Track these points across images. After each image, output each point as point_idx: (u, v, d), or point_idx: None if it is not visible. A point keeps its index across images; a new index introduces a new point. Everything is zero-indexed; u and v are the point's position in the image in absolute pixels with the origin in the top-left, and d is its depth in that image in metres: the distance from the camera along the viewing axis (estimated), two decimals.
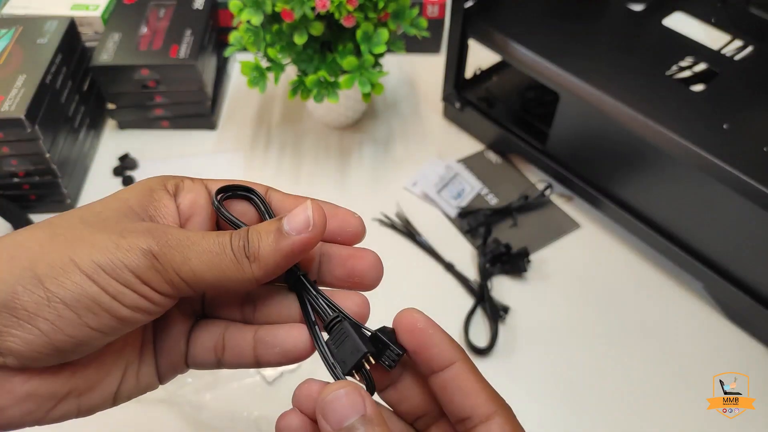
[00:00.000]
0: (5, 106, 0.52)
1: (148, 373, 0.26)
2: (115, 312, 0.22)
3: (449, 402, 0.24)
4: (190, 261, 0.22)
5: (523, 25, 0.57)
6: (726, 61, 0.54)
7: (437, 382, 0.24)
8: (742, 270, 0.49)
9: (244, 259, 0.23)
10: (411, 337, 0.24)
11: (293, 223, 0.23)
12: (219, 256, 0.23)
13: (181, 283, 0.23)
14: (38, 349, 0.21)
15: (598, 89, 0.51)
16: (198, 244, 0.23)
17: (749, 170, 0.44)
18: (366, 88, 0.53)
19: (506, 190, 0.61)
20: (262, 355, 0.26)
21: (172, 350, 0.27)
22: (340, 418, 0.21)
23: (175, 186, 0.26)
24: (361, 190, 0.62)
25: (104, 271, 0.21)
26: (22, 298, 0.21)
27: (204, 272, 0.23)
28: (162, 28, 0.65)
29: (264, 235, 0.23)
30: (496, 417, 0.23)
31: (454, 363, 0.24)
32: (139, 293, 0.22)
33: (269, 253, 0.23)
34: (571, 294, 0.54)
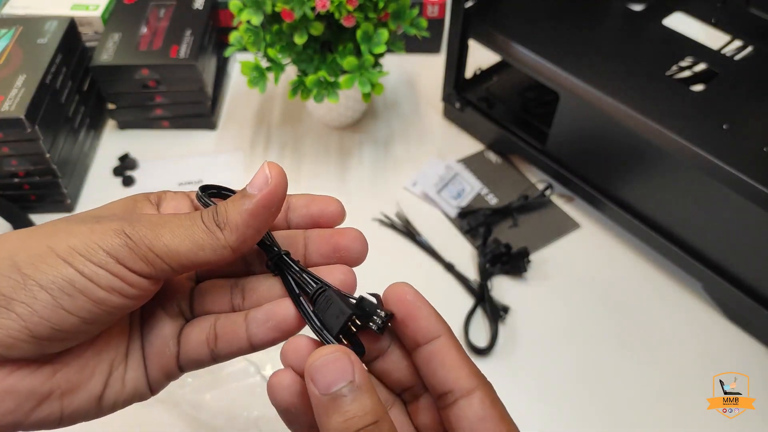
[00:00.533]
0: (5, 106, 0.52)
1: (135, 377, 0.26)
2: (90, 293, 0.22)
3: (431, 375, 0.24)
4: (162, 237, 0.23)
5: (523, 25, 0.57)
6: (726, 61, 0.54)
7: (421, 356, 0.24)
8: (742, 270, 0.49)
9: (215, 227, 0.24)
10: (399, 309, 0.25)
11: (254, 183, 0.24)
12: (190, 228, 0.23)
13: (156, 260, 0.23)
14: (14, 334, 0.21)
15: (598, 89, 0.51)
16: (170, 221, 0.24)
17: (749, 170, 0.44)
18: (366, 88, 0.53)
19: (506, 190, 0.61)
20: (255, 335, 0.26)
21: (162, 353, 0.26)
22: (328, 384, 0.21)
23: (158, 197, 0.27)
24: (361, 190, 0.62)
25: (79, 254, 0.22)
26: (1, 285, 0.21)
27: (177, 245, 0.23)
28: (162, 28, 0.65)
29: (230, 203, 0.24)
30: (477, 392, 0.23)
31: (438, 337, 0.24)
32: (113, 273, 0.22)
33: (237, 216, 0.24)
34: (571, 294, 0.54)
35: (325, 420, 0.21)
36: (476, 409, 0.23)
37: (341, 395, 0.21)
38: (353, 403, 0.21)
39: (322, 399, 0.21)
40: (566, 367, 0.50)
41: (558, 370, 0.49)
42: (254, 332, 0.26)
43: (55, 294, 0.21)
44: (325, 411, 0.21)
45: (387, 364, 0.26)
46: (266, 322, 0.26)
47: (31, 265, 0.21)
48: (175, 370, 0.27)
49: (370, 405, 0.21)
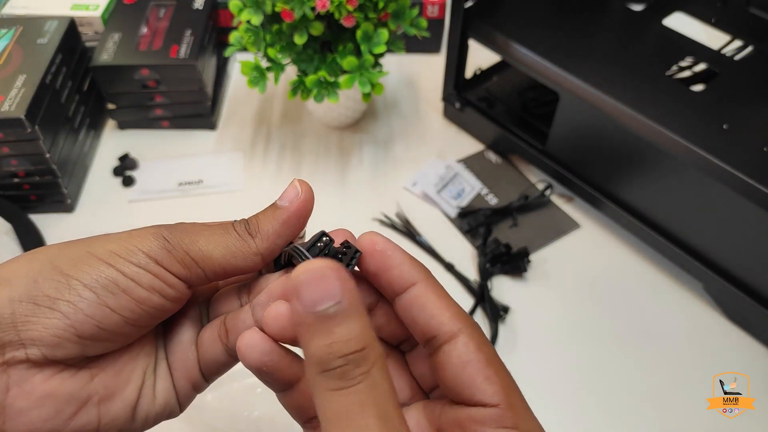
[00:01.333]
0: (5, 106, 0.52)
1: (165, 388, 0.26)
2: (132, 292, 0.23)
3: (413, 323, 0.23)
4: (198, 242, 0.24)
5: (523, 25, 0.57)
6: (726, 61, 0.54)
7: (401, 304, 0.24)
8: (742, 270, 0.49)
9: (247, 236, 0.25)
10: (371, 260, 0.24)
11: (285, 197, 0.26)
12: (224, 236, 0.25)
13: (192, 264, 0.24)
14: (60, 333, 0.22)
15: (598, 89, 0.51)
16: (204, 229, 0.25)
17: (749, 170, 0.44)
18: (366, 88, 0.53)
19: (506, 190, 0.61)
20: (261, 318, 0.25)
21: (185, 360, 0.27)
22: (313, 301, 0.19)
23: None
24: (361, 190, 0.62)
25: (119, 256, 0.23)
26: (43, 286, 0.22)
27: (212, 251, 0.24)
28: (162, 28, 0.65)
29: (261, 214, 0.26)
30: (461, 335, 0.22)
31: (415, 284, 0.23)
32: (153, 273, 0.23)
33: (269, 225, 0.25)
34: (571, 294, 0.54)
35: (308, 341, 0.19)
36: (460, 352, 0.22)
37: (326, 315, 0.19)
38: (339, 326, 0.19)
39: (306, 317, 0.19)
40: (566, 366, 0.50)
41: (558, 369, 0.49)
42: (260, 316, 0.25)
43: (100, 292, 0.22)
44: (308, 331, 0.19)
45: (377, 320, 0.26)
46: (268, 301, 0.25)
47: (73, 267, 0.22)
48: (199, 378, 0.27)
49: (358, 329, 0.19)
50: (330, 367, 0.19)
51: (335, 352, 0.19)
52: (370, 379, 0.19)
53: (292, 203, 0.26)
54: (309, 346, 0.19)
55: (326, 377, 0.19)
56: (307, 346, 0.20)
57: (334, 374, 0.19)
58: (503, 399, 0.21)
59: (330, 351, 0.19)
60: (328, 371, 0.19)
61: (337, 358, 0.19)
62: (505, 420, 0.21)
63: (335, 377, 0.19)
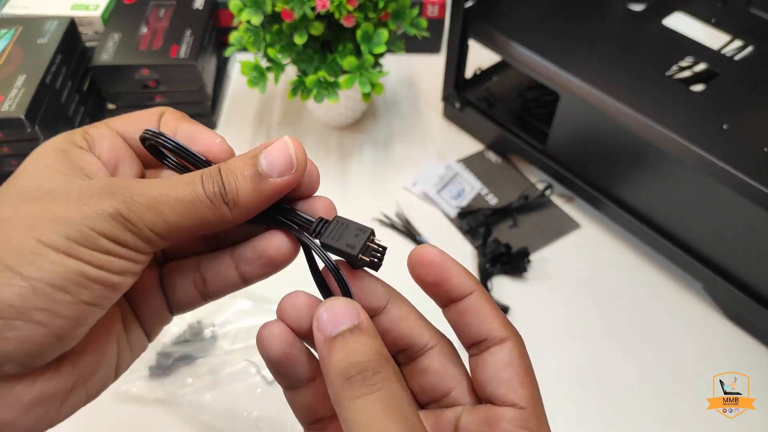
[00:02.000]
0: (5, 106, 0.52)
1: (137, 338, 0.26)
2: (105, 280, 0.21)
3: (466, 327, 0.24)
4: (162, 214, 0.21)
5: (523, 25, 0.57)
6: (726, 61, 0.54)
7: (455, 310, 0.25)
8: (742, 270, 0.49)
9: (223, 205, 0.22)
10: (431, 271, 0.25)
11: (274, 164, 0.22)
12: (193, 203, 0.22)
13: (156, 238, 0.22)
14: (39, 341, 0.20)
15: (598, 89, 0.51)
16: (167, 195, 0.21)
17: (749, 170, 0.44)
18: (366, 88, 0.53)
19: (506, 190, 0.61)
20: (246, 272, 0.25)
21: (152, 306, 0.26)
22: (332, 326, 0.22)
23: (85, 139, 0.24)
24: (361, 190, 0.62)
25: (79, 244, 0.20)
26: (2, 296, 0.19)
27: (179, 222, 0.21)
28: (162, 28, 0.65)
29: (242, 180, 0.22)
30: (509, 341, 0.24)
31: (472, 292, 0.24)
32: (121, 256, 0.21)
33: (249, 198, 0.22)
34: (571, 294, 0.54)
35: (328, 360, 0.21)
36: (505, 355, 0.24)
37: (344, 334, 0.21)
38: (356, 341, 0.21)
39: (326, 342, 0.21)
40: (566, 366, 0.50)
41: (558, 369, 0.49)
42: (245, 269, 0.25)
43: (73, 290, 0.20)
44: (328, 351, 0.21)
45: (384, 324, 0.25)
46: (257, 259, 0.25)
47: (29, 265, 0.19)
48: (168, 316, 0.27)
49: (372, 342, 0.22)
50: (350, 374, 0.21)
51: (354, 360, 0.21)
52: (390, 387, 0.21)
53: (282, 176, 0.23)
54: (331, 362, 0.21)
55: (349, 385, 0.21)
56: (329, 364, 0.21)
57: (356, 381, 0.21)
58: (531, 405, 0.23)
59: (349, 360, 0.21)
60: (350, 379, 0.21)
61: (355, 365, 0.21)
62: (530, 423, 0.23)
63: (357, 384, 0.20)
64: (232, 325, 0.50)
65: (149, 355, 0.48)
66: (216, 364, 0.48)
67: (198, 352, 0.48)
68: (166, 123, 0.26)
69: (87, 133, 0.24)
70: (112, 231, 0.20)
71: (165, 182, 0.22)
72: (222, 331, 0.50)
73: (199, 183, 0.22)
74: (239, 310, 0.51)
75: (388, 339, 0.25)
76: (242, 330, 0.50)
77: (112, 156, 0.24)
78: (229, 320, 0.50)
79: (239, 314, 0.51)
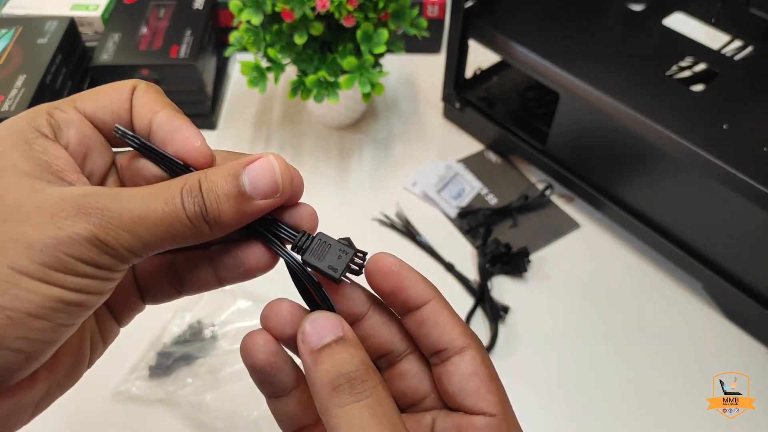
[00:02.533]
0: (5, 106, 0.52)
1: (110, 328, 0.26)
2: (83, 303, 0.20)
3: (425, 336, 0.24)
4: (140, 237, 0.20)
5: (523, 25, 0.57)
6: (726, 61, 0.54)
7: (413, 320, 0.25)
8: (742, 270, 0.49)
9: (203, 223, 0.21)
10: (387, 280, 0.24)
11: (258, 185, 0.22)
12: (173, 224, 0.21)
13: (132, 257, 0.21)
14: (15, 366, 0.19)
15: (598, 89, 0.51)
16: (146, 217, 0.20)
17: (749, 170, 0.44)
18: (366, 88, 0.53)
19: (506, 190, 0.61)
20: (224, 276, 0.25)
21: (126, 300, 0.26)
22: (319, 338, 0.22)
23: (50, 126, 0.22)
24: (361, 190, 0.62)
25: (54, 270, 0.19)
26: None
27: (157, 241, 0.21)
28: (162, 28, 0.65)
29: (223, 200, 0.21)
30: (469, 349, 0.24)
31: (429, 301, 0.24)
32: (99, 278, 0.20)
33: (231, 219, 0.22)
34: (571, 294, 0.54)
35: (315, 371, 0.21)
36: (468, 364, 0.24)
37: (330, 345, 0.22)
38: (343, 351, 0.22)
39: (312, 354, 0.22)
40: (566, 366, 0.50)
41: (558, 369, 0.49)
42: (224, 275, 0.25)
43: (51, 317, 0.19)
44: (315, 362, 0.22)
45: (366, 330, 0.25)
46: (236, 268, 0.24)
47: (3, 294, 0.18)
48: (141, 306, 0.27)
49: (359, 354, 0.22)
50: (338, 383, 0.21)
51: (341, 369, 0.21)
52: (377, 394, 0.21)
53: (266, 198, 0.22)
54: (318, 372, 0.21)
55: (337, 394, 0.21)
56: (316, 374, 0.21)
57: (344, 389, 0.21)
58: (500, 411, 0.23)
59: (336, 370, 0.21)
60: (337, 388, 0.21)
61: (343, 375, 0.21)
62: (502, 429, 0.23)
63: (345, 392, 0.21)
64: (232, 325, 0.50)
65: (149, 355, 0.48)
66: (216, 364, 0.48)
67: (198, 352, 0.48)
68: (140, 107, 0.24)
69: (52, 117, 0.22)
70: (89, 255, 0.20)
71: (143, 200, 0.21)
72: (222, 331, 0.50)
73: (179, 202, 0.21)
74: (239, 310, 0.51)
75: (369, 344, 0.25)
76: (242, 330, 0.50)
77: (81, 145, 0.23)
78: (229, 320, 0.50)
79: (239, 314, 0.51)
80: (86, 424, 0.46)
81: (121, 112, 0.24)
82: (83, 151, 0.23)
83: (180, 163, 0.23)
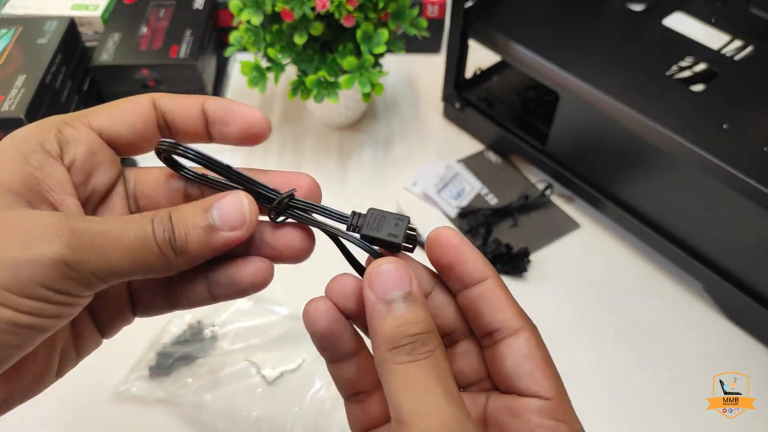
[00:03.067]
0: (5, 106, 0.52)
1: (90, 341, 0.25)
2: (36, 326, 0.20)
3: (479, 315, 0.24)
4: (109, 261, 0.20)
5: (523, 25, 0.57)
6: (726, 61, 0.54)
7: (468, 297, 0.25)
8: (742, 270, 0.49)
9: (170, 251, 0.22)
10: (446, 252, 0.24)
11: (226, 218, 0.22)
12: (141, 252, 0.21)
13: (97, 282, 0.21)
14: None
15: (598, 89, 0.51)
16: (117, 241, 0.21)
17: (749, 170, 0.44)
18: (366, 88, 0.53)
19: (506, 190, 0.61)
20: (217, 294, 0.25)
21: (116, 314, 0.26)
22: (386, 290, 0.22)
23: (57, 142, 0.22)
24: (361, 189, 0.62)
25: (12, 293, 0.19)
26: None
27: (124, 267, 0.21)
28: (162, 28, 0.65)
29: (192, 229, 0.22)
30: (524, 332, 0.24)
31: (486, 279, 0.24)
32: (55, 303, 0.20)
33: (198, 249, 0.22)
34: (571, 294, 0.54)
35: (379, 324, 0.22)
36: (522, 346, 0.23)
37: (396, 302, 0.22)
38: (408, 310, 0.22)
39: (377, 304, 0.22)
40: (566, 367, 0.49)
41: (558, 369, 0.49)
42: (218, 293, 0.25)
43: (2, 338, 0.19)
44: (379, 315, 0.22)
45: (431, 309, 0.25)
46: (231, 286, 0.25)
47: None
48: (131, 319, 0.26)
49: (423, 315, 0.22)
50: (400, 344, 0.21)
51: (404, 332, 0.21)
52: (434, 357, 0.21)
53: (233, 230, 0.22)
54: (380, 328, 0.21)
55: (396, 353, 0.21)
56: (378, 328, 0.22)
57: (404, 350, 0.21)
58: (556, 395, 0.23)
59: (400, 331, 0.21)
60: (398, 348, 0.21)
61: (406, 336, 0.21)
62: (557, 413, 0.23)
63: (404, 353, 0.21)
64: (232, 325, 0.50)
65: (149, 355, 0.48)
66: (216, 364, 0.48)
67: (198, 352, 0.48)
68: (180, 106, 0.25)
69: (61, 132, 0.23)
70: (51, 278, 0.19)
71: (115, 225, 0.21)
72: (222, 331, 0.50)
73: (150, 229, 0.21)
74: (239, 310, 0.51)
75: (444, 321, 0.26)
76: (242, 330, 0.50)
77: (87, 163, 0.23)
78: (229, 320, 0.50)
79: (239, 314, 0.51)
80: (86, 424, 0.46)
81: (137, 124, 0.24)
82: (89, 169, 0.23)
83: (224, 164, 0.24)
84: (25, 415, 0.46)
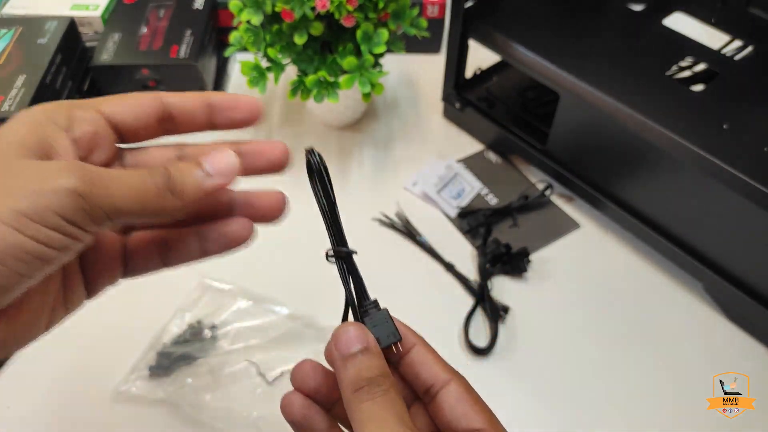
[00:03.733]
0: (5, 106, 0.52)
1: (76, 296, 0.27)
2: (44, 256, 0.22)
3: (416, 377, 0.28)
4: (113, 197, 0.23)
5: (523, 25, 0.57)
6: (726, 61, 0.54)
7: (405, 364, 0.29)
8: (742, 270, 0.49)
9: (166, 191, 0.25)
10: None
11: (217, 166, 0.26)
12: (144, 193, 0.24)
13: (105, 219, 0.23)
14: None
15: (598, 89, 0.51)
16: (122, 181, 0.23)
17: (749, 170, 0.44)
18: (366, 88, 0.53)
19: (506, 190, 0.61)
20: (208, 249, 0.29)
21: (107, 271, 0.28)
22: (348, 346, 0.26)
23: (67, 119, 0.26)
24: (361, 190, 0.62)
25: (29, 219, 0.21)
26: None
27: (127, 207, 0.23)
28: (162, 28, 0.65)
29: (186, 173, 0.25)
30: (452, 382, 0.28)
31: (414, 345, 0.29)
32: (66, 234, 0.22)
33: (192, 190, 0.25)
34: (571, 294, 0.54)
35: (343, 372, 0.26)
36: (453, 393, 0.27)
37: (356, 353, 0.26)
38: (365, 359, 0.26)
39: (341, 359, 0.26)
40: (566, 367, 0.50)
41: (558, 370, 0.49)
42: (208, 247, 0.29)
43: (10, 263, 0.21)
44: (342, 365, 0.26)
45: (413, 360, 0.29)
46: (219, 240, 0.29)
47: None
48: (118, 279, 0.29)
49: (378, 363, 0.26)
50: (360, 386, 0.25)
51: (363, 375, 0.26)
52: (388, 396, 0.25)
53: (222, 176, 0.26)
54: (345, 375, 0.26)
55: (358, 394, 0.25)
56: (344, 375, 0.26)
57: (363, 391, 0.25)
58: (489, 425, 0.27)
59: (359, 375, 0.26)
60: (359, 390, 0.25)
61: (364, 379, 0.25)
62: None
63: (364, 392, 0.25)
64: (232, 325, 0.50)
65: (149, 355, 0.48)
66: (216, 364, 0.48)
67: (198, 352, 0.48)
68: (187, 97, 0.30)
69: (72, 113, 0.26)
70: (66, 208, 0.21)
71: (119, 171, 0.24)
72: (222, 331, 0.50)
73: (151, 174, 0.25)
74: (239, 310, 0.51)
75: None
76: (242, 330, 0.50)
77: (90, 142, 0.26)
78: (229, 320, 0.50)
79: (239, 314, 0.51)
80: (86, 424, 0.46)
81: (142, 116, 0.29)
82: (89, 147, 0.26)
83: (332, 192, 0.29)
84: (26, 415, 0.46)
